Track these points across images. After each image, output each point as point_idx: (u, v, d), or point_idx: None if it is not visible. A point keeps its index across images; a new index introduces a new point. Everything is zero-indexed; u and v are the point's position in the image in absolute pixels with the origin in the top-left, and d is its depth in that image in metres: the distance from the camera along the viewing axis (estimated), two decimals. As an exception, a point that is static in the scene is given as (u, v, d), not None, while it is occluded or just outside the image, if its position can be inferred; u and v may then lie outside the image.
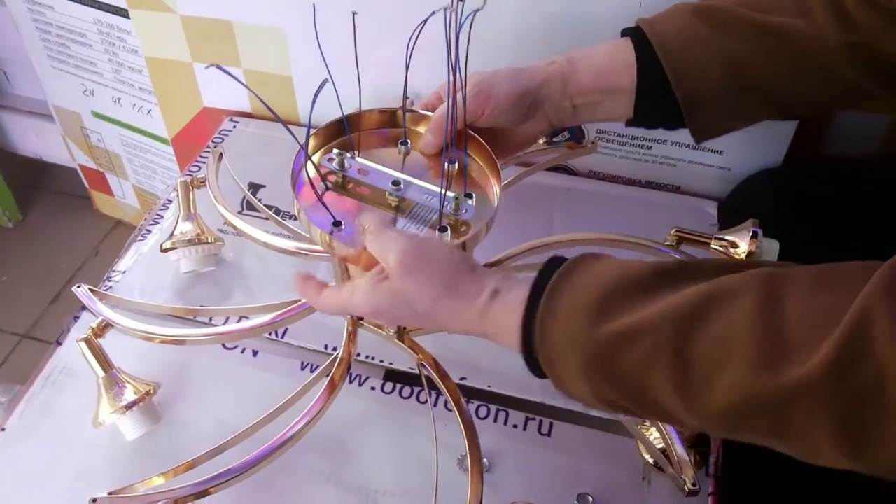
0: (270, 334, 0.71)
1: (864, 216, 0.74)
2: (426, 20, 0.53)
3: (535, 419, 0.65)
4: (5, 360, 1.23)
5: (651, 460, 0.62)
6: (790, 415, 0.35)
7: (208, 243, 0.74)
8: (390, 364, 0.69)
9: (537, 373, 0.44)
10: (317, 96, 0.43)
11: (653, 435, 0.61)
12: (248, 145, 0.95)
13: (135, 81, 1.05)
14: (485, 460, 0.61)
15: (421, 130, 0.61)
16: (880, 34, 0.53)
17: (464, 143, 0.58)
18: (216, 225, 0.77)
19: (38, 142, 1.42)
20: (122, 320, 0.60)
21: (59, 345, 0.70)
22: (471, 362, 0.67)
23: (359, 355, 0.68)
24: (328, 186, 0.57)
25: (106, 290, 0.71)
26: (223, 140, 0.95)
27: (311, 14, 0.54)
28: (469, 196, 0.55)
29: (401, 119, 0.61)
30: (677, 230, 0.64)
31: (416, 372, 0.63)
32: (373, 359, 0.69)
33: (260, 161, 0.90)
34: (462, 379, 0.66)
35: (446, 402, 0.61)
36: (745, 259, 0.60)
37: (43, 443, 0.63)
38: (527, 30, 0.79)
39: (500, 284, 0.46)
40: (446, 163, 0.57)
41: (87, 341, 0.60)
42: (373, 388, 0.68)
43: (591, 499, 0.60)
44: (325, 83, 0.44)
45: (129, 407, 0.59)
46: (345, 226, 0.52)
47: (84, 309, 0.69)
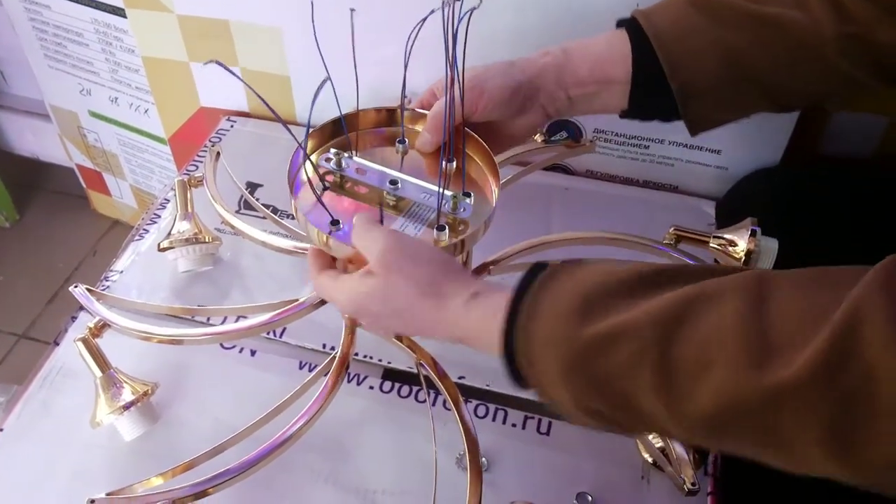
0: (268, 334, 0.70)
1: (861, 216, 0.74)
2: (424, 19, 0.53)
3: (533, 418, 0.65)
4: (3, 361, 1.23)
5: (650, 459, 0.62)
6: (777, 418, 0.34)
7: (206, 243, 0.74)
8: (389, 363, 0.69)
9: (517, 380, 0.43)
10: (317, 95, 0.43)
11: (652, 434, 0.61)
12: (246, 145, 0.95)
13: (132, 81, 1.05)
14: (483, 459, 0.61)
15: (419, 129, 0.61)
16: (875, 25, 0.53)
17: (461, 140, 0.58)
18: (214, 224, 0.77)
19: (35, 141, 1.42)
20: (119, 320, 0.60)
21: (57, 345, 0.70)
22: (469, 361, 0.67)
23: (357, 354, 0.68)
24: (326, 186, 0.57)
25: (103, 290, 0.71)
26: (220, 139, 0.95)
27: (308, 13, 0.54)
28: (467, 195, 0.55)
29: (398, 118, 0.61)
30: (676, 229, 0.64)
31: (415, 371, 0.63)
32: (371, 358, 0.69)
33: (257, 160, 0.90)
34: (461, 378, 0.66)
35: (445, 402, 0.61)
36: (734, 265, 0.60)
37: (41, 443, 0.63)
38: (524, 27, 0.79)
39: (481, 288, 0.45)
40: (444, 162, 0.57)
41: (85, 341, 0.60)
42: (371, 388, 0.68)
43: (591, 498, 0.60)
44: (325, 82, 0.44)
45: (126, 407, 0.59)
46: (342, 225, 0.52)
47: (81, 309, 0.69)
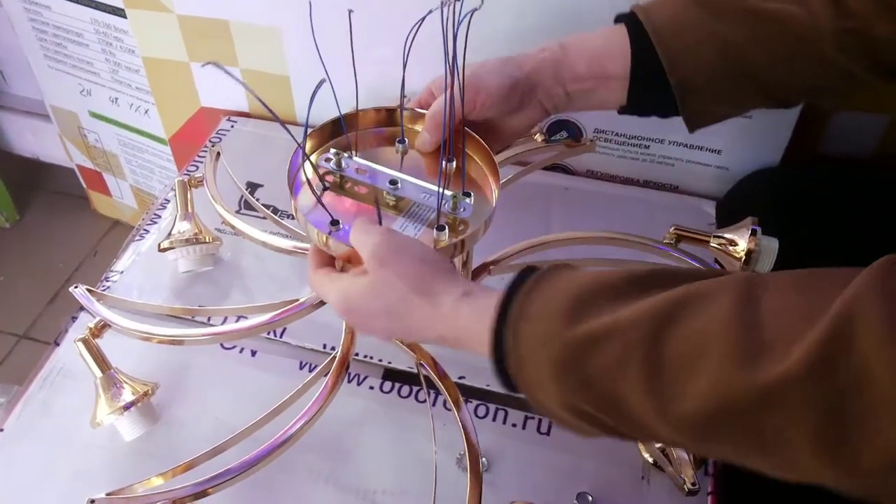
0: (269, 334, 0.70)
1: (861, 216, 0.74)
2: (423, 19, 0.53)
3: (534, 418, 0.65)
4: (3, 361, 1.23)
5: (650, 459, 0.61)
6: (769, 416, 0.34)
7: (206, 243, 0.74)
8: (389, 363, 0.69)
9: (506, 381, 0.43)
10: (314, 95, 0.43)
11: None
12: (246, 145, 0.95)
13: (132, 81, 1.05)
14: (484, 459, 0.61)
15: (418, 129, 0.60)
16: (873, 20, 0.53)
17: (461, 140, 0.58)
18: (214, 224, 0.77)
19: (36, 142, 1.42)
20: (120, 320, 0.60)
21: (57, 345, 0.70)
22: (469, 361, 0.67)
23: (357, 354, 0.68)
24: (326, 186, 0.57)
25: (104, 291, 0.71)
26: (221, 140, 0.95)
27: (307, 13, 0.53)
28: (467, 195, 0.55)
29: (398, 118, 0.61)
30: (676, 228, 0.64)
31: (415, 371, 0.63)
32: (371, 358, 0.69)
33: (257, 160, 0.90)
34: (461, 378, 0.66)
35: (445, 402, 0.61)
36: (734, 264, 0.60)
37: (41, 443, 0.63)
38: (524, 27, 0.79)
39: (472, 288, 0.45)
40: (444, 161, 0.57)
41: (85, 341, 0.60)
42: (371, 388, 0.67)
43: (591, 498, 0.60)
44: (322, 82, 0.44)
45: (127, 407, 0.59)
46: (342, 225, 0.52)
47: (82, 309, 0.69)
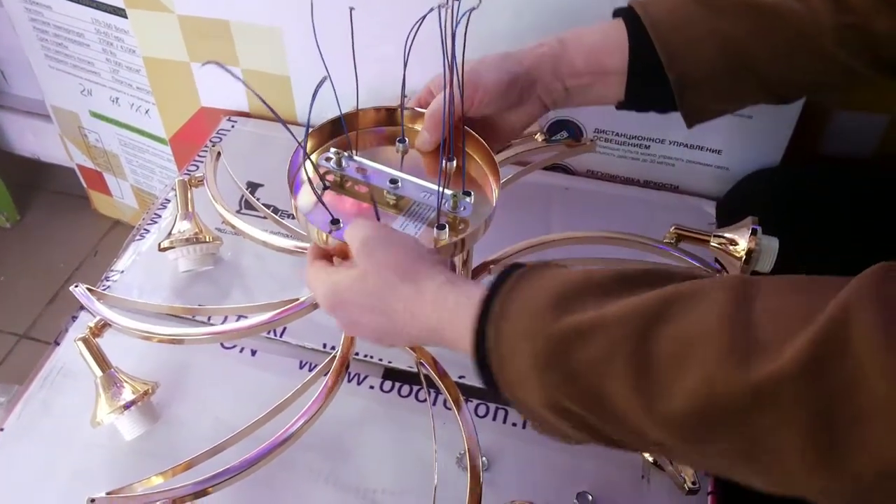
0: (269, 333, 0.70)
1: (861, 216, 0.74)
2: (423, 18, 0.53)
3: (533, 418, 0.65)
4: (3, 360, 1.23)
5: (650, 459, 0.61)
6: (759, 416, 0.33)
7: (206, 242, 0.74)
8: (389, 363, 0.69)
9: (487, 380, 0.42)
10: (316, 93, 0.43)
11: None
12: (246, 145, 0.95)
13: (132, 81, 1.05)
14: (484, 459, 0.61)
15: (418, 128, 0.60)
16: (873, 16, 0.53)
17: (461, 139, 0.58)
18: (214, 224, 0.77)
19: (36, 142, 1.42)
20: (120, 319, 0.60)
21: (58, 345, 0.70)
22: (469, 361, 0.67)
23: (357, 354, 0.68)
24: (326, 185, 0.57)
25: (104, 290, 0.71)
26: (221, 139, 0.95)
27: (308, 13, 0.54)
28: (467, 194, 0.55)
29: (398, 117, 0.61)
30: (676, 228, 0.64)
31: (415, 370, 0.63)
32: (371, 357, 0.69)
33: (258, 160, 0.90)
34: (461, 377, 0.66)
35: (445, 401, 0.61)
36: (735, 264, 0.60)
37: (41, 443, 0.63)
38: (523, 26, 0.79)
39: (457, 277, 0.45)
40: (444, 160, 0.57)
41: (85, 341, 0.60)
42: (371, 387, 0.67)
43: (591, 497, 0.60)
44: (324, 80, 0.44)
45: (127, 406, 0.59)
46: (342, 224, 0.52)
47: (82, 309, 0.69)
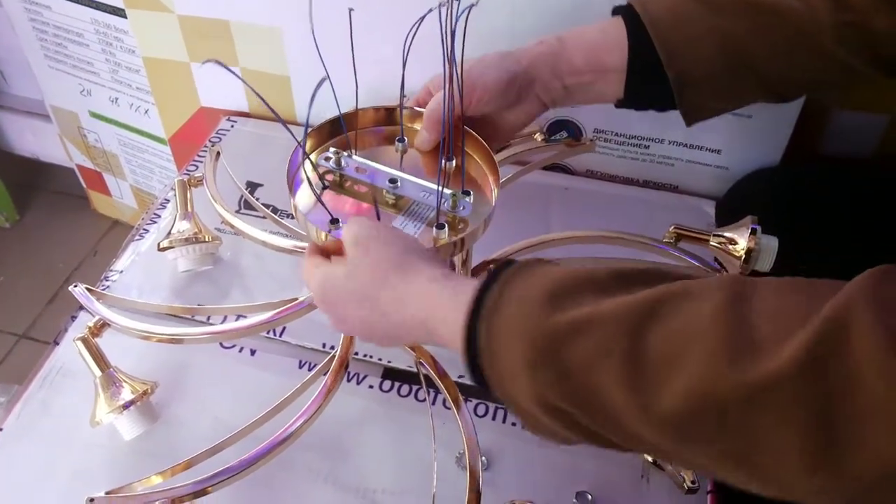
0: (268, 333, 0.70)
1: (861, 216, 0.74)
2: (423, 18, 0.53)
3: (533, 417, 0.65)
4: (3, 361, 1.23)
5: (650, 458, 0.61)
6: (755, 416, 0.32)
7: (206, 242, 0.74)
8: (388, 362, 0.69)
9: (477, 377, 0.41)
10: (316, 92, 0.43)
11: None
12: (246, 145, 0.95)
13: (132, 81, 1.05)
14: (483, 458, 0.61)
15: (418, 128, 0.61)
16: (872, 13, 0.53)
17: (461, 139, 0.58)
18: (214, 224, 0.77)
19: (36, 142, 1.42)
20: (119, 319, 0.60)
21: (57, 345, 0.70)
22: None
23: (357, 354, 0.68)
24: (326, 185, 0.57)
25: (104, 290, 0.71)
26: (220, 139, 0.95)
27: (308, 13, 0.54)
28: (467, 193, 0.55)
29: (397, 117, 0.61)
30: (676, 227, 0.64)
31: (415, 370, 0.63)
32: (371, 357, 0.69)
33: (257, 160, 0.90)
34: (460, 377, 0.66)
35: (445, 401, 0.61)
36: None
37: (40, 443, 0.63)
38: (523, 25, 0.79)
39: (449, 272, 0.45)
40: (443, 160, 0.57)
41: (84, 340, 0.60)
42: (371, 387, 0.67)
43: (591, 497, 0.60)
44: (323, 80, 0.44)
45: (126, 406, 0.59)
46: (342, 224, 0.52)
47: (81, 308, 0.69)
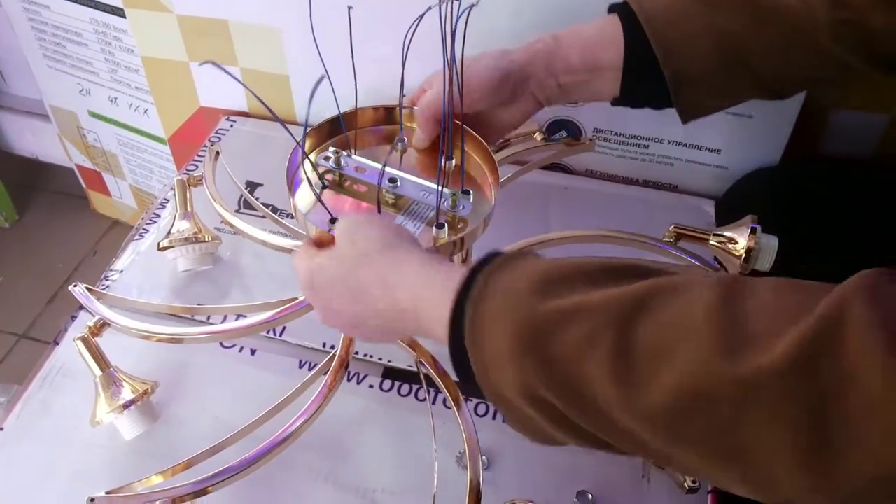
0: (268, 332, 0.70)
1: (861, 216, 0.74)
2: (422, 16, 0.53)
3: (533, 417, 0.65)
4: (3, 361, 1.23)
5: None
6: (746, 410, 0.31)
7: (205, 242, 0.74)
8: (389, 362, 0.68)
9: (460, 363, 0.41)
10: (314, 91, 0.43)
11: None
12: (245, 144, 0.95)
13: (131, 81, 1.05)
14: (483, 458, 0.61)
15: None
16: (869, 11, 0.53)
17: (461, 137, 0.58)
18: (213, 223, 0.77)
19: (35, 141, 1.42)
20: (119, 319, 0.60)
21: (57, 344, 0.70)
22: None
23: (357, 353, 0.68)
24: (325, 184, 0.57)
25: (104, 290, 0.71)
26: (220, 139, 0.95)
27: (307, 13, 0.54)
28: (466, 193, 0.55)
29: (397, 116, 0.61)
30: (676, 226, 0.64)
31: (415, 370, 0.63)
32: (371, 357, 0.69)
33: (257, 160, 0.90)
34: (460, 377, 0.66)
35: (445, 400, 0.61)
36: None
37: (41, 442, 0.63)
38: (522, 24, 0.79)
39: (438, 258, 0.45)
40: (443, 159, 0.57)
41: (84, 340, 0.60)
42: (371, 387, 0.67)
43: (591, 496, 0.60)
44: (322, 79, 0.44)
45: (126, 406, 0.59)
46: (342, 223, 0.52)
47: (81, 308, 0.69)
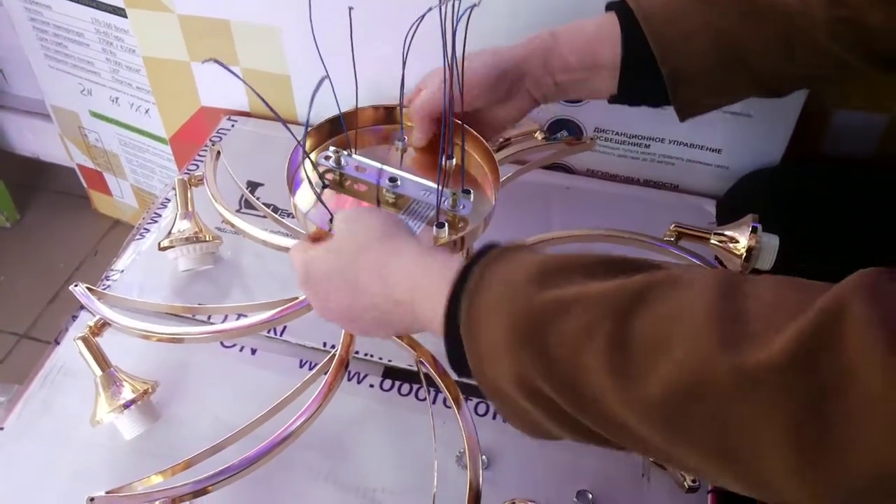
0: (269, 332, 0.70)
1: (861, 216, 0.74)
2: (423, 16, 0.53)
3: (533, 417, 0.65)
4: (4, 360, 1.23)
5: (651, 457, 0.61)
6: (744, 404, 0.31)
7: (206, 241, 0.74)
8: (389, 361, 0.69)
9: (455, 352, 0.41)
10: (316, 91, 0.43)
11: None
12: (246, 144, 0.95)
13: (132, 81, 1.05)
14: (484, 457, 0.60)
15: (418, 127, 0.61)
16: (866, 9, 0.53)
17: (461, 137, 0.58)
18: (214, 223, 0.77)
19: (36, 141, 1.42)
20: (119, 319, 0.60)
21: (58, 344, 0.70)
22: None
23: (357, 353, 0.68)
24: (326, 184, 0.57)
25: (104, 290, 0.71)
26: (221, 139, 0.95)
27: (308, 13, 0.54)
28: (467, 192, 0.55)
29: (397, 116, 0.61)
30: (676, 225, 0.64)
31: (415, 369, 0.63)
32: (371, 356, 0.69)
33: (258, 159, 0.90)
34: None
35: (445, 400, 0.61)
36: (735, 262, 0.60)
37: (41, 442, 0.63)
38: (522, 23, 0.79)
39: (435, 248, 0.45)
40: (443, 159, 0.57)
41: (85, 340, 0.60)
42: (371, 386, 0.67)
43: (591, 496, 0.60)
44: (323, 79, 0.44)
45: (127, 405, 0.59)
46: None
47: (82, 308, 0.69)
